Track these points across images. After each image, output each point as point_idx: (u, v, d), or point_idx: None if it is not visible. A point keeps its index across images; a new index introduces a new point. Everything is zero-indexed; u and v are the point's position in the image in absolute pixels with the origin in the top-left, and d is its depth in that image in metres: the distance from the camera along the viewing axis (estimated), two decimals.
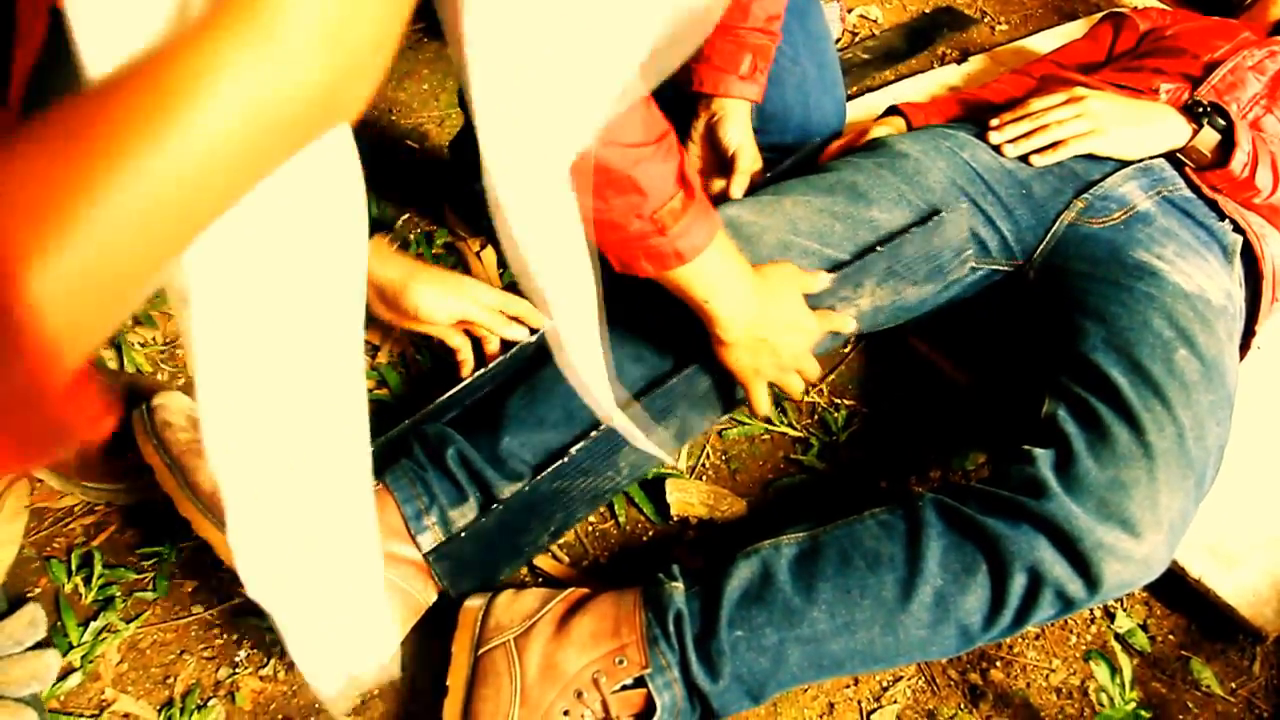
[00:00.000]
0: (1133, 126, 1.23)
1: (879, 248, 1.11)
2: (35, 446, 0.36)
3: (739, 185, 1.27)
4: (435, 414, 1.13)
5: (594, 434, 1.02)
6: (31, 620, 0.98)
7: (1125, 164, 1.23)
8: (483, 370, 1.13)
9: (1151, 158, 1.24)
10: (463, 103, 1.44)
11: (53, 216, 0.32)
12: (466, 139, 1.39)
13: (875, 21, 2.14)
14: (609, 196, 0.87)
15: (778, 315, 1.01)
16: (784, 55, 1.36)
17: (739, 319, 0.98)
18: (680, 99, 1.32)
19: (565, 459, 1.01)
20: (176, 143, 0.34)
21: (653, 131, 0.86)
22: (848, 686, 1.06)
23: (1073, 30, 2.06)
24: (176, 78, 0.34)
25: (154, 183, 0.34)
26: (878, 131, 1.42)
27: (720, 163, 1.32)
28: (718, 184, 1.32)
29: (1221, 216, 1.21)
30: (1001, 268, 1.21)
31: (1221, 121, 1.22)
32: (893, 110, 1.52)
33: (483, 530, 0.99)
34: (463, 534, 0.99)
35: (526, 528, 1.04)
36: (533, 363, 1.09)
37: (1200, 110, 1.24)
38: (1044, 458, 0.94)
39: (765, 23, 1.25)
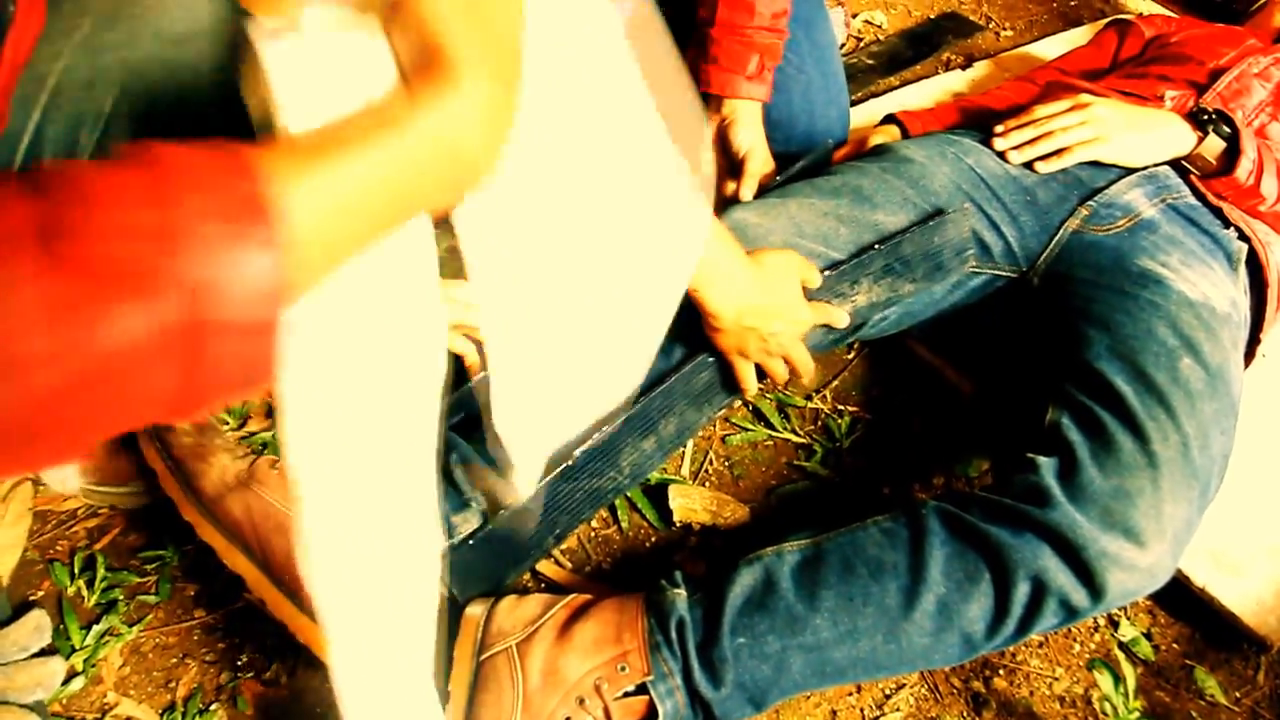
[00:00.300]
0: (1137, 133, 1.23)
1: (877, 246, 1.11)
2: (248, 380, 0.43)
3: (748, 188, 1.27)
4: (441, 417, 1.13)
5: (595, 436, 1.02)
6: (37, 626, 0.98)
7: (1130, 171, 1.23)
8: (484, 374, 1.13)
9: (1156, 165, 1.24)
10: None
11: (313, 161, 0.44)
12: None
13: (880, 27, 2.14)
14: None
15: (770, 303, 1.01)
16: (789, 64, 1.36)
17: (729, 308, 0.99)
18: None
19: (569, 462, 1.01)
20: (392, 148, 0.47)
21: None
22: (850, 694, 1.06)
23: (1077, 37, 2.06)
24: (394, 114, 0.47)
25: (371, 169, 0.46)
26: (874, 141, 1.42)
27: (731, 166, 1.32)
28: (729, 186, 1.32)
29: (1226, 224, 1.21)
30: (1005, 273, 1.20)
31: (1227, 129, 1.22)
32: (890, 119, 1.52)
33: (488, 537, 0.99)
34: (469, 542, 0.99)
35: (531, 532, 1.04)
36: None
37: (1205, 118, 1.24)
38: (1048, 466, 0.94)
39: (771, 20, 1.25)
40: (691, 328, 1.07)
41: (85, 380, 0.38)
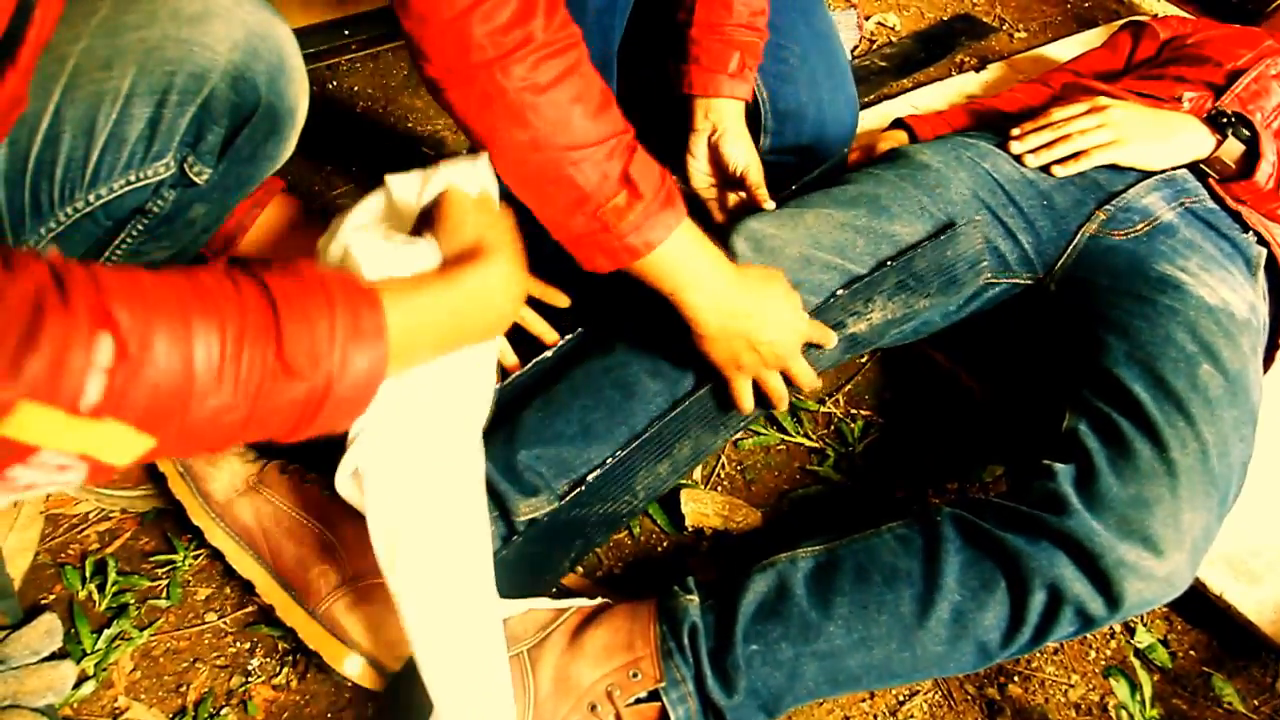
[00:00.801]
0: (1156, 137, 1.22)
1: (890, 262, 1.10)
2: (346, 416, 0.63)
3: (766, 203, 1.26)
4: None
5: (609, 460, 1.02)
6: (48, 630, 0.97)
7: (1148, 175, 1.21)
8: (499, 385, 1.13)
9: (1175, 168, 1.23)
10: None
11: (399, 295, 0.66)
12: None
13: (893, 29, 2.14)
14: (548, 193, 0.88)
15: (757, 309, 0.99)
16: (792, 54, 1.36)
17: (710, 309, 0.96)
18: (674, 104, 1.32)
19: (583, 487, 1.01)
20: (452, 296, 0.71)
21: (597, 133, 0.87)
22: (864, 700, 1.05)
23: (1091, 38, 2.05)
24: (453, 277, 0.72)
25: (439, 308, 0.70)
26: (882, 146, 1.41)
27: (724, 179, 1.31)
28: (731, 198, 1.32)
29: (1245, 228, 1.19)
30: (1021, 281, 1.19)
31: (1246, 132, 1.21)
32: (898, 123, 1.51)
33: (505, 563, 0.98)
34: None
35: (548, 557, 1.04)
36: (549, 376, 1.08)
37: (1224, 120, 1.23)
38: (1064, 473, 0.93)
39: (750, 18, 1.25)
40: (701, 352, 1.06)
41: (249, 420, 0.57)
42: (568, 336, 1.13)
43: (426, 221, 0.78)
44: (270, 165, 0.93)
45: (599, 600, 0.98)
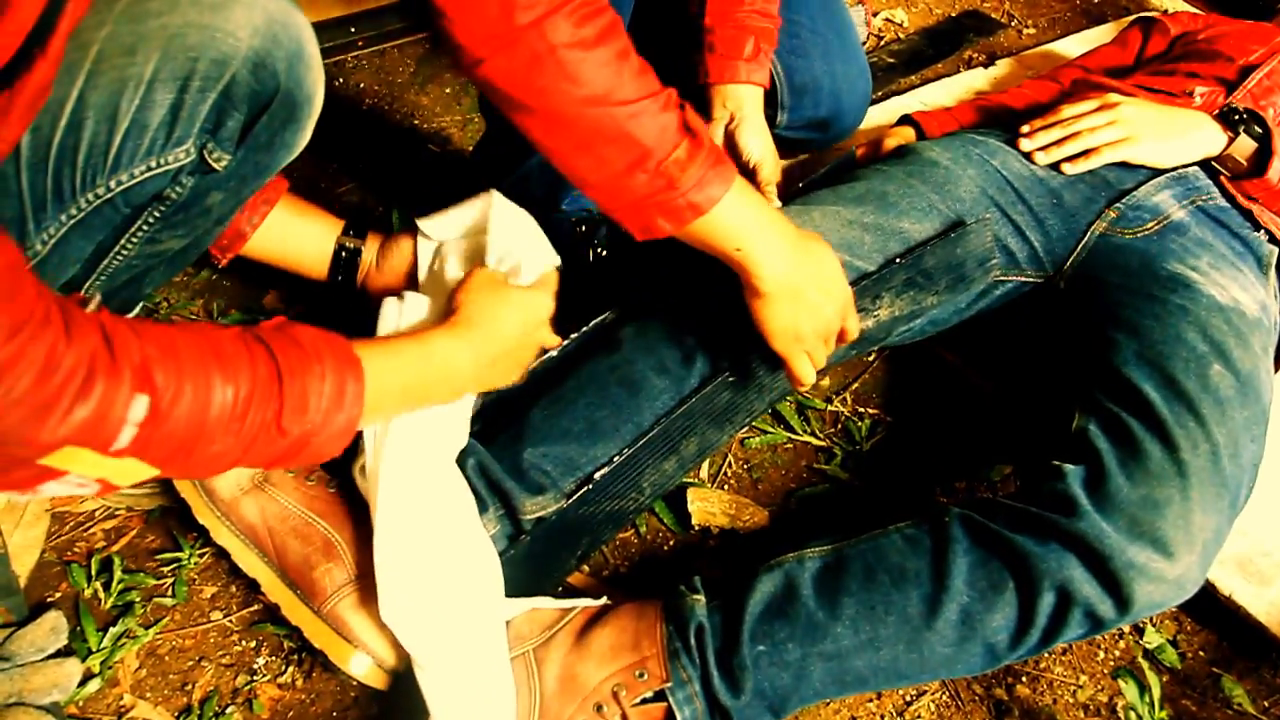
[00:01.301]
0: (1167, 134, 1.21)
1: (898, 260, 1.09)
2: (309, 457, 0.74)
3: (772, 199, 1.25)
4: None
5: (616, 458, 1.01)
6: (54, 627, 0.97)
7: (1159, 172, 1.20)
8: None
9: (1185, 166, 1.22)
10: (484, 107, 1.44)
11: (377, 357, 0.79)
12: (492, 142, 1.39)
13: (901, 25, 2.12)
14: (607, 155, 0.85)
15: (818, 268, 0.96)
16: (803, 27, 1.36)
17: (777, 264, 0.92)
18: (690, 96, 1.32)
19: (590, 486, 1.00)
20: (422, 359, 0.85)
21: (646, 88, 0.85)
22: (870, 701, 1.05)
23: (1101, 34, 2.04)
24: (427, 338, 0.87)
25: (410, 369, 0.83)
26: (889, 143, 1.40)
27: (740, 169, 1.31)
28: None
29: (1257, 227, 1.19)
30: (1031, 279, 1.19)
31: (1258, 129, 1.20)
32: (906, 119, 1.50)
33: (509, 561, 0.98)
34: None
35: (555, 556, 1.04)
36: (555, 375, 1.08)
37: (1236, 117, 1.22)
38: (1074, 474, 0.93)
39: (763, 4, 1.25)
40: (711, 348, 1.05)
41: (238, 459, 0.68)
42: (572, 336, 1.13)
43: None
44: (287, 154, 0.93)
45: (604, 600, 0.98)
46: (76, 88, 0.77)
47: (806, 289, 0.95)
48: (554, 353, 1.12)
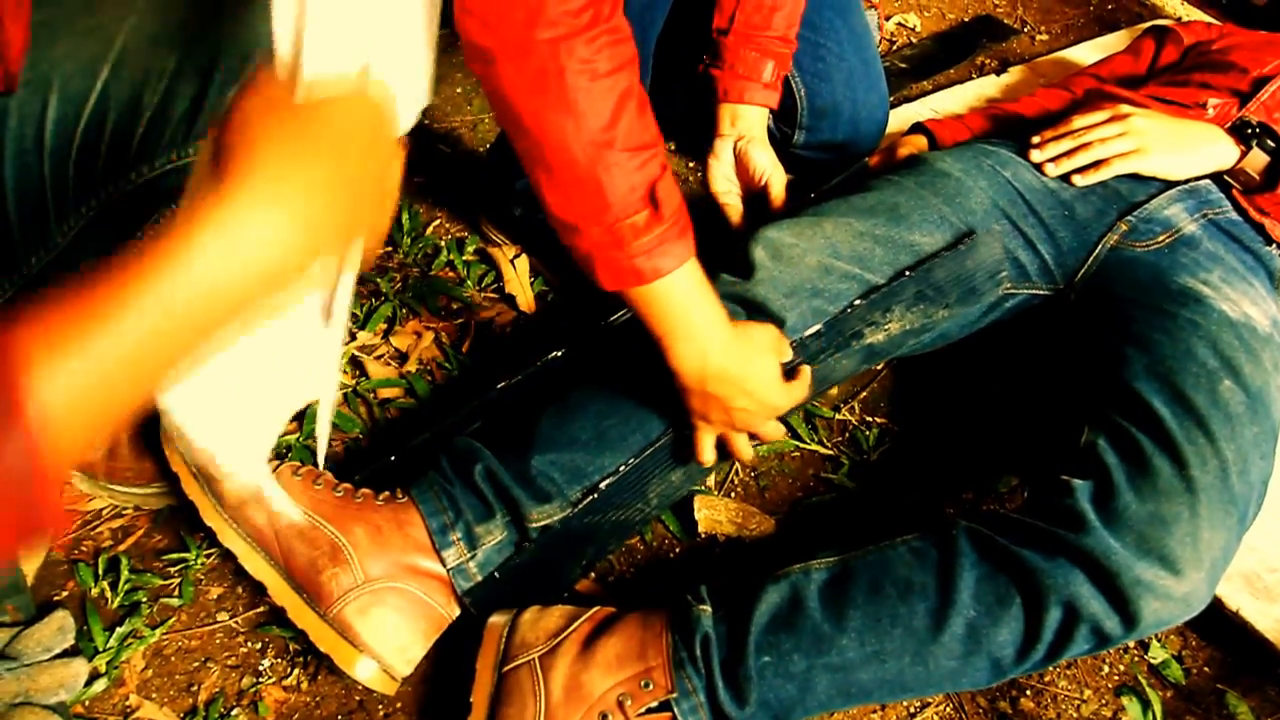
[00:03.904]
0: (1178, 147, 1.21)
1: (908, 272, 1.09)
2: (20, 538, 0.44)
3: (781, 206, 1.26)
4: (460, 423, 1.13)
5: (623, 468, 1.01)
6: (61, 627, 0.97)
7: (1171, 185, 1.20)
8: (506, 382, 1.13)
9: (1197, 178, 1.21)
10: None
11: (58, 342, 0.44)
12: (508, 141, 1.39)
13: (914, 30, 2.12)
14: (571, 194, 0.85)
15: (741, 376, 0.96)
16: (829, 52, 1.36)
17: (694, 368, 0.93)
18: (698, 106, 1.33)
19: (595, 495, 1.00)
20: (167, 288, 0.47)
21: (636, 139, 0.85)
22: (875, 712, 1.05)
23: (1114, 41, 2.03)
24: (172, 247, 0.48)
25: (147, 319, 0.47)
26: (902, 151, 1.40)
27: (745, 182, 1.32)
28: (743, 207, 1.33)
29: (1268, 241, 1.18)
30: (1041, 292, 1.18)
31: (1271, 143, 1.20)
32: (918, 127, 1.50)
33: (517, 568, 0.99)
34: (496, 574, 0.98)
35: (560, 564, 1.04)
36: (562, 380, 1.08)
37: (1249, 131, 1.21)
38: (1083, 489, 0.92)
39: (786, 31, 1.26)
40: None
41: None
42: (577, 341, 1.13)
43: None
44: None
45: (611, 609, 0.98)
46: (101, 79, 0.77)
47: (722, 394, 0.95)
48: (559, 354, 1.13)
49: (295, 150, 0.52)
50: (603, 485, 1.01)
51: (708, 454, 1.03)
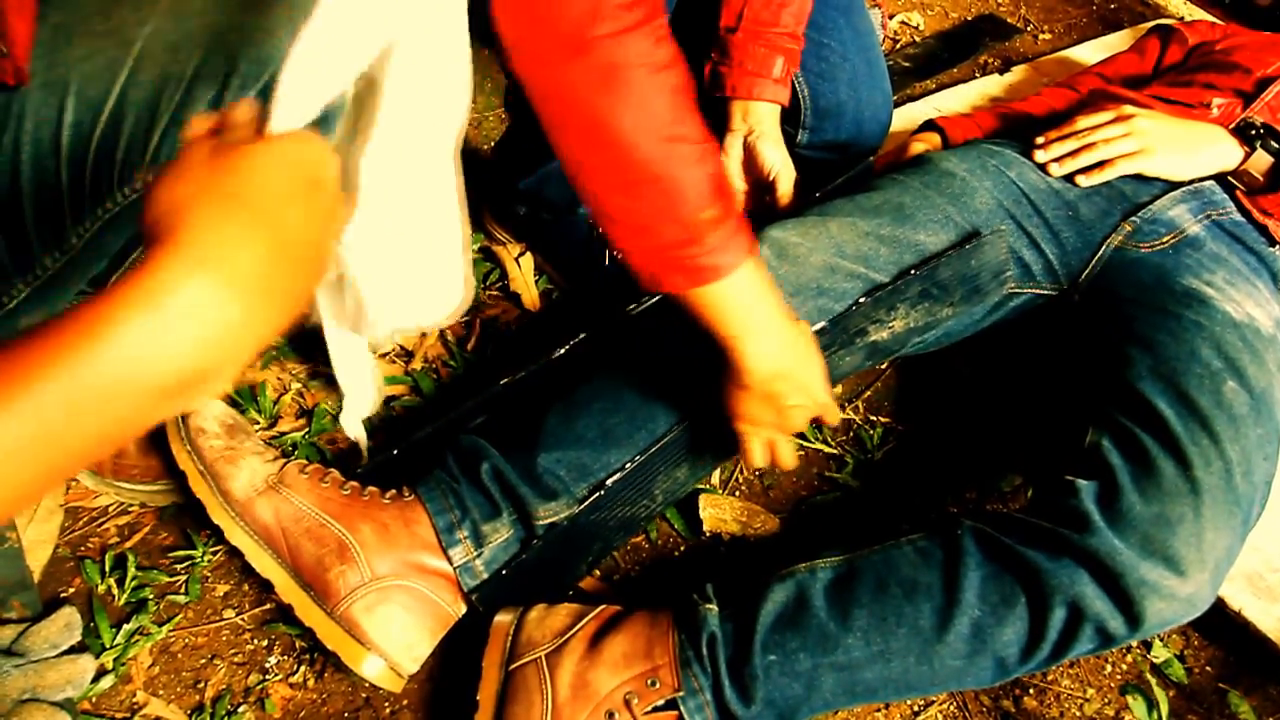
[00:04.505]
0: (1182, 149, 1.21)
1: (913, 271, 1.10)
2: None
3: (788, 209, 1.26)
4: (464, 418, 1.13)
5: (629, 465, 1.02)
6: (68, 624, 0.98)
7: (1175, 185, 1.20)
8: (509, 379, 1.13)
9: (1202, 179, 1.22)
10: (507, 104, 1.44)
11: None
12: (514, 141, 1.39)
13: (917, 29, 2.12)
14: (643, 194, 0.82)
15: (802, 374, 0.94)
16: (833, 52, 1.36)
17: (765, 363, 0.91)
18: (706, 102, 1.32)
19: (602, 492, 1.00)
20: (84, 366, 0.43)
21: (698, 132, 0.83)
22: (879, 710, 1.05)
23: (1117, 41, 2.04)
24: (78, 335, 0.44)
25: (56, 398, 0.42)
26: (915, 148, 1.40)
27: (757, 182, 1.32)
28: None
29: (1272, 242, 1.18)
30: (1045, 292, 1.19)
31: (1275, 144, 1.20)
32: (929, 125, 1.50)
33: (523, 566, 0.99)
34: (502, 572, 0.99)
35: (566, 561, 1.04)
36: (570, 379, 1.08)
37: (1253, 132, 1.21)
38: (1087, 490, 0.93)
39: (794, 27, 1.25)
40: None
41: None
42: (582, 336, 1.13)
43: None
44: None
45: (617, 607, 0.98)
46: (119, 84, 0.77)
47: (784, 390, 0.94)
48: (561, 351, 1.13)
49: (231, 211, 0.49)
50: (609, 483, 1.02)
51: (759, 458, 1.01)
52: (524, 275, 1.42)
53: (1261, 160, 1.20)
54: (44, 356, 0.43)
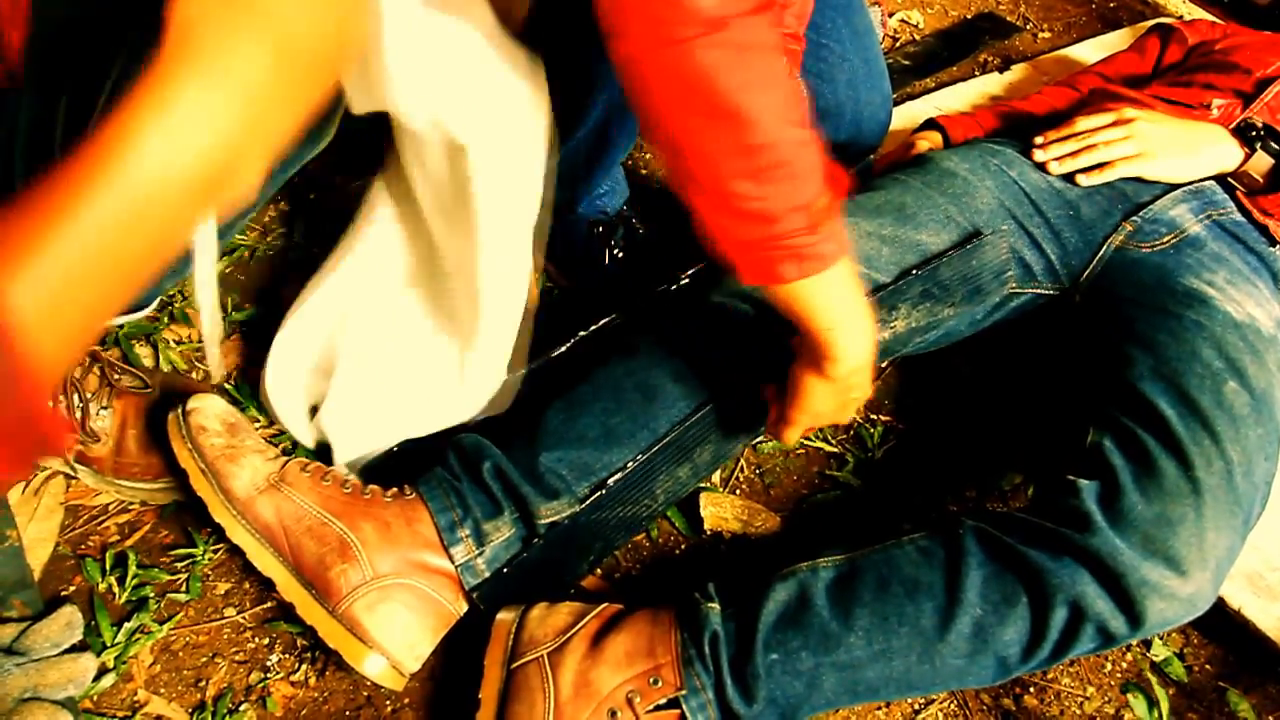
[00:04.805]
0: (1182, 150, 1.21)
1: (915, 271, 1.10)
2: (21, 455, 0.44)
3: None
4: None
5: (630, 464, 1.02)
6: (69, 622, 0.98)
7: (1175, 186, 1.20)
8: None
9: (1202, 180, 1.22)
10: None
11: (20, 247, 0.43)
12: None
13: (916, 27, 2.12)
14: (771, 178, 0.79)
15: (867, 362, 0.93)
16: (832, 53, 1.36)
17: (854, 356, 0.90)
18: None
19: (603, 491, 1.00)
20: (116, 187, 0.45)
21: (807, 117, 0.81)
22: (879, 709, 1.06)
23: (1116, 39, 2.04)
24: (108, 146, 0.46)
25: (97, 222, 0.45)
26: (920, 146, 1.40)
27: None
28: None
29: (1273, 242, 1.19)
30: (1046, 292, 1.19)
31: (1275, 145, 1.20)
32: (931, 123, 1.50)
33: (524, 564, 0.99)
34: (503, 570, 0.99)
35: (567, 560, 1.04)
36: (571, 378, 1.08)
37: (1253, 134, 1.22)
38: (1089, 490, 0.93)
39: (797, 28, 1.25)
40: (726, 357, 1.06)
41: None
42: (581, 334, 1.14)
43: None
44: (313, 147, 0.93)
45: (618, 605, 0.98)
46: (112, 77, 0.77)
47: (860, 383, 0.93)
48: (562, 349, 1.13)
49: (239, 18, 0.49)
50: (610, 482, 1.02)
51: (795, 439, 1.02)
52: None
53: (1262, 161, 1.21)
54: (85, 175, 0.45)
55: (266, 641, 1.04)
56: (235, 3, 0.49)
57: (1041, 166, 1.22)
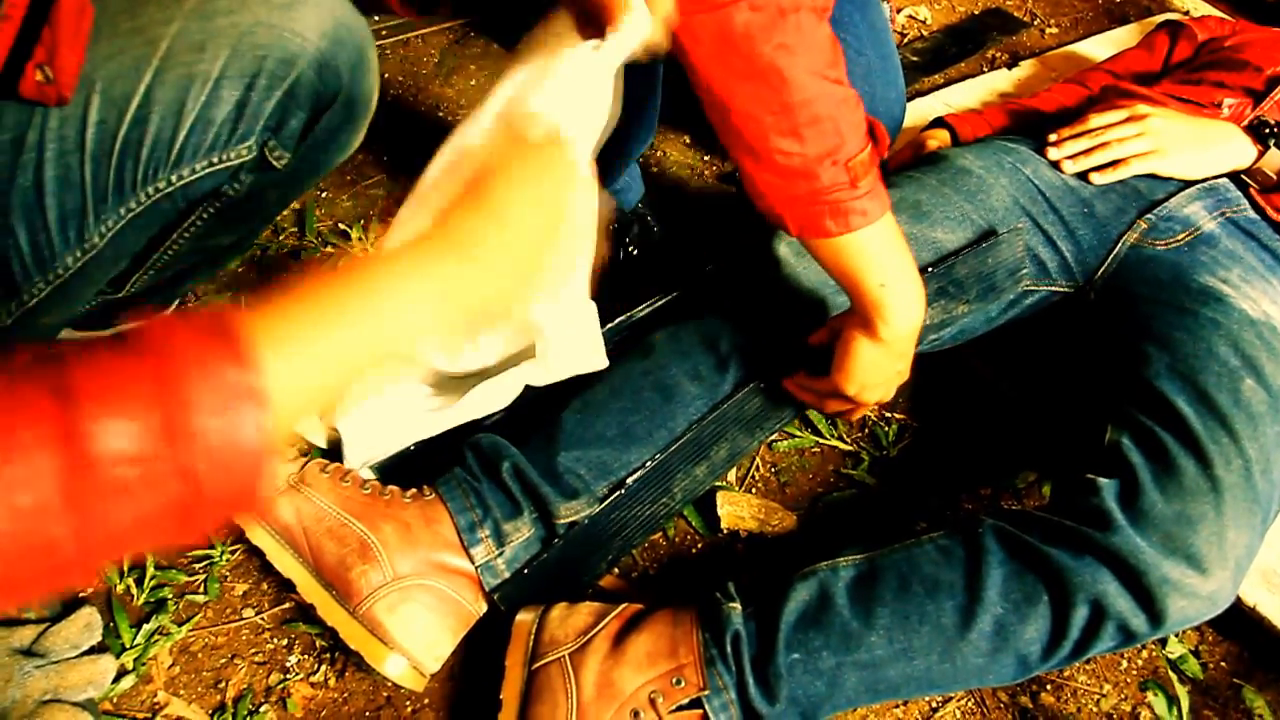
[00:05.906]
0: (1195, 147, 1.21)
1: (930, 269, 1.10)
2: (235, 510, 0.47)
3: None
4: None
5: (649, 463, 1.02)
6: (88, 624, 0.98)
7: (1190, 183, 1.20)
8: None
9: (1215, 177, 1.22)
10: None
11: (294, 328, 0.49)
12: None
13: (924, 23, 2.12)
14: (809, 136, 0.83)
15: (919, 329, 0.97)
16: (848, 46, 1.36)
17: (907, 314, 0.93)
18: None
19: (622, 490, 1.01)
20: (386, 314, 0.54)
21: (846, 78, 0.84)
22: (897, 707, 1.06)
23: (1124, 36, 2.03)
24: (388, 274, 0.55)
25: (366, 327, 0.53)
26: (929, 145, 1.40)
27: None
28: None
29: None
30: (1061, 289, 1.19)
31: None
32: (939, 122, 1.50)
33: (544, 564, 0.99)
34: (524, 571, 0.99)
35: (586, 560, 1.04)
36: (589, 377, 1.08)
37: (1266, 131, 1.22)
38: (1108, 488, 0.93)
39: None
40: (744, 355, 1.06)
41: (98, 548, 0.43)
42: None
43: None
44: (340, 154, 0.94)
45: (638, 605, 0.99)
46: (144, 83, 0.77)
47: (907, 350, 0.96)
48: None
49: (481, 213, 0.60)
50: (629, 481, 1.02)
51: (838, 407, 1.07)
52: None
53: (1275, 159, 1.21)
54: (366, 291, 0.53)
55: (285, 642, 1.04)
56: (485, 206, 0.60)
57: (1056, 164, 1.22)
